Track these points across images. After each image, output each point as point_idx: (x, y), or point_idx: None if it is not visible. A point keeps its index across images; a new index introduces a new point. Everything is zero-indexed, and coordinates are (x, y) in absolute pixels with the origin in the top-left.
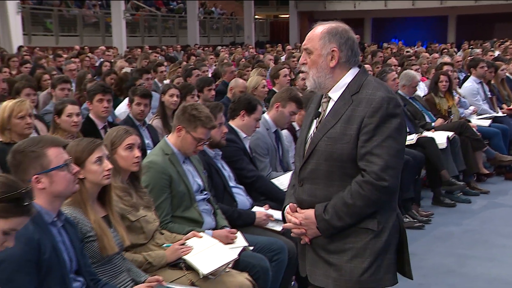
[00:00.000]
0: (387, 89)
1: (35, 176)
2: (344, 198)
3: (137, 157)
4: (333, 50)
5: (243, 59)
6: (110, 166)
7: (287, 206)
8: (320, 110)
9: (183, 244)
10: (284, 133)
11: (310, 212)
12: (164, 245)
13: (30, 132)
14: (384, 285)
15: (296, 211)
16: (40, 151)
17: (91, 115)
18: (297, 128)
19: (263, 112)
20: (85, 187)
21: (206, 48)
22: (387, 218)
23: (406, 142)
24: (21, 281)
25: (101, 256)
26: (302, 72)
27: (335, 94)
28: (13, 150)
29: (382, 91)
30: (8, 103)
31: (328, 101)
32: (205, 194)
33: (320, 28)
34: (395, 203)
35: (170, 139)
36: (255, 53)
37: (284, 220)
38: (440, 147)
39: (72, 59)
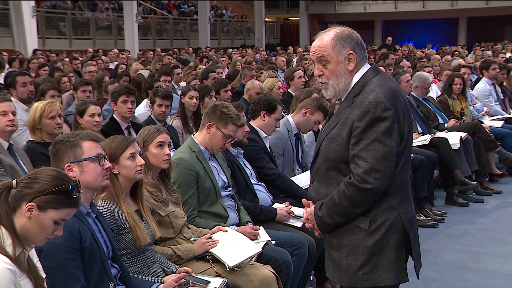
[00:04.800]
0: (383, 92)
1: (68, 164)
2: (334, 197)
3: (167, 154)
4: (349, 53)
5: (254, 62)
6: (142, 162)
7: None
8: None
9: (209, 238)
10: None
11: (313, 208)
12: (192, 238)
13: (60, 131)
14: (383, 284)
15: (309, 207)
16: (76, 142)
17: (115, 116)
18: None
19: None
20: (119, 182)
21: (218, 51)
22: (384, 217)
23: (420, 142)
24: (69, 267)
25: (135, 246)
26: (322, 83)
27: (344, 95)
28: (55, 140)
29: (374, 94)
30: (39, 104)
31: (340, 103)
32: (229, 191)
33: (326, 37)
34: (396, 202)
35: (197, 138)
36: (266, 55)
37: None
38: (453, 147)
39: (89, 61)
